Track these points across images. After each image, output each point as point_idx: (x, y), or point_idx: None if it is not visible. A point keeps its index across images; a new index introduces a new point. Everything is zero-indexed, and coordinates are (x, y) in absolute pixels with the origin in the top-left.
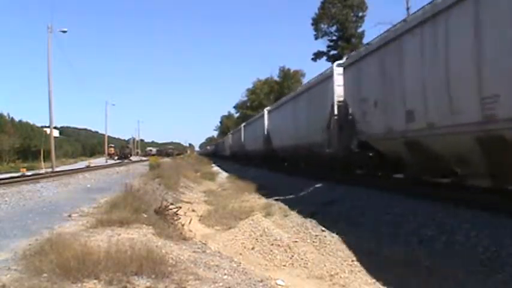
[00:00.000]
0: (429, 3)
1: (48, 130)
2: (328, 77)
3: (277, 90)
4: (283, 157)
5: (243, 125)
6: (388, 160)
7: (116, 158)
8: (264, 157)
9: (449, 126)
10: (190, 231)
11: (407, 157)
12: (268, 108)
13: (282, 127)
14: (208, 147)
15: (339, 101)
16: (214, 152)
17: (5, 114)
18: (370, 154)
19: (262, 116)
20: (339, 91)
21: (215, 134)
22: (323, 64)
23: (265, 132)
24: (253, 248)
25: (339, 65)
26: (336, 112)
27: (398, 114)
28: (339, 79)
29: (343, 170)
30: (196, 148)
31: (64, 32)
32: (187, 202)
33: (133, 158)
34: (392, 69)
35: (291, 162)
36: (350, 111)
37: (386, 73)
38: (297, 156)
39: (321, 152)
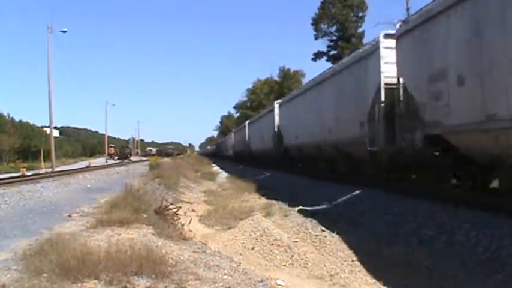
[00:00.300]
0: None
1: (48, 130)
2: (370, 53)
3: (277, 90)
4: (298, 157)
5: (247, 122)
6: (476, 163)
7: (116, 158)
8: (273, 157)
9: None
10: (190, 231)
11: None
12: (279, 101)
13: (297, 122)
14: (208, 147)
15: (388, 84)
16: (215, 152)
17: (5, 114)
18: (437, 153)
19: (272, 110)
20: (387, 71)
21: (215, 134)
22: (323, 64)
23: (276, 129)
24: (253, 248)
25: (387, 36)
26: (382, 99)
27: (506, 93)
28: (388, 55)
29: (391, 173)
30: (196, 148)
31: (64, 32)
32: (187, 202)
33: (133, 158)
34: (496, 24)
35: (307, 164)
36: (408, 95)
37: (483, 33)
38: (317, 156)
39: (355, 151)
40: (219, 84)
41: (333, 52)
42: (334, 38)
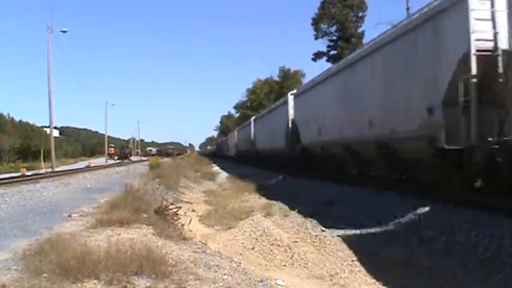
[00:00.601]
0: None
1: (48, 130)
2: (447, 8)
3: (277, 90)
4: (321, 158)
5: (253, 118)
6: None
7: (116, 158)
8: (286, 158)
9: None
10: (190, 231)
11: None
12: (293, 91)
13: (320, 115)
14: (208, 147)
15: (482, 50)
16: (216, 152)
17: (5, 114)
18: None
19: (285, 102)
20: (480, 29)
21: (215, 134)
22: (323, 64)
23: (290, 125)
24: (253, 248)
25: None
26: (473, 71)
27: None
28: (480, 7)
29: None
30: (196, 148)
31: (64, 32)
32: (187, 202)
33: (133, 158)
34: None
35: (332, 166)
36: None
37: None
38: (348, 156)
39: (411, 150)
40: (219, 84)
41: (333, 52)
42: (334, 38)
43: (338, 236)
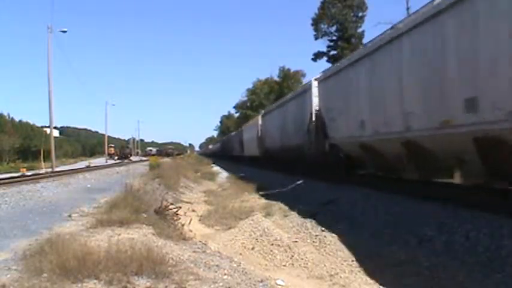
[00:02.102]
0: None
1: (48, 130)
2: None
3: (277, 90)
4: (359, 158)
5: (261, 113)
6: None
7: (116, 158)
8: (309, 157)
9: None
10: (190, 231)
11: None
12: (317, 76)
13: (365, 102)
14: (210, 146)
15: None
16: (220, 152)
17: (5, 114)
18: None
19: (306, 90)
20: None
21: (215, 134)
22: (323, 64)
23: (313, 117)
24: (253, 248)
25: None
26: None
27: None
28: None
29: None
30: (196, 148)
31: (64, 32)
32: (187, 202)
33: (133, 158)
34: None
35: (378, 169)
36: None
37: None
38: (411, 156)
39: None
40: (219, 84)
41: (333, 52)
42: (334, 38)
43: (338, 236)
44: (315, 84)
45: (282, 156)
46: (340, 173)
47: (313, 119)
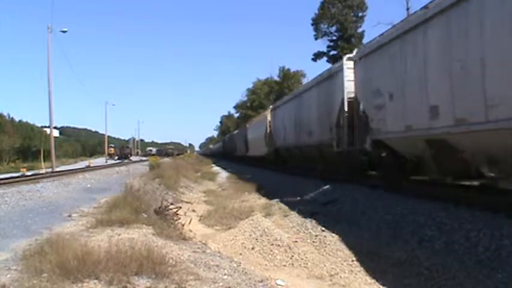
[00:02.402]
0: None
1: (48, 130)
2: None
3: (277, 90)
4: (436, 159)
5: (271, 106)
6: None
7: (116, 158)
8: (343, 159)
9: None
10: (190, 231)
11: None
12: (351, 54)
13: (444, 81)
14: (211, 146)
15: None
16: (221, 152)
17: (5, 114)
18: None
19: (336, 74)
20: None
21: (215, 134)
22: (323, 64)
23: (345, 107)
24: (253, 248)
25: None
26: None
27: None
28: None
29: None
30: (196, 148)
31: (64, 32)
32: (187, 202)
33: (133, 158)
34: None
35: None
36: None
37: None
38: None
39: None
40: (219, 84)
41: (333, 52)
42: (334, 38)
43: (338, 236)
44: (348, 64)
45: (296, 156)
46: (391, 178)
47: (346, 109)
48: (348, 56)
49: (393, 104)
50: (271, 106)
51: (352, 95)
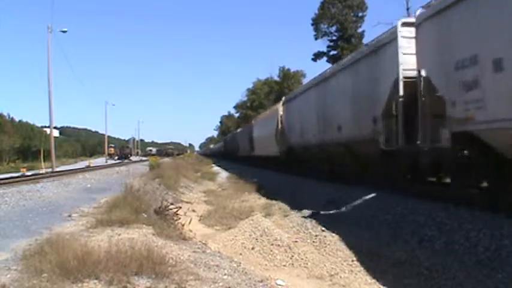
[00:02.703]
0: None
1: (48, 130)
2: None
3: (277, 90)
4: None
5: (283, 98)
6: None
7: (116, 158)
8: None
9: None
10: (190, 231)
11: None
12: (407, 19)
13: None
14: (211, 146)
15: None
16: (222, 152)
17: (5, 114)
18: None
19: (385, 45)
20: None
21: (215, 134)
22: (323, 64)
23: (400, 91)
24: (253, 248)
25: None
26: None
27: None
28: None
29: None
30: (196, 148)
31: (64, 32)
32: (187, 202)
33: (133, 158)
34: None
35: None
36: None
37: None
38: None
39: None
40: (219, 84)
41: (333, 52)
42: (334, 38)
43: (338, 236)
44: (404, 32)
45: (318, 156)
46: (494, 189)
47: (401, 92)
48: (404, 20)
49: (502, 77)
50: (283, 98)
51: (411, 73)
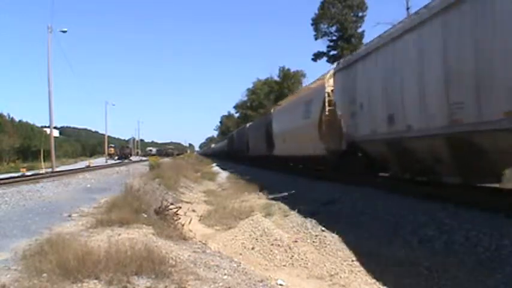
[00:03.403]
0: None
1: (48, 130)
2: None
3: (277, 90)
4: None
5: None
6: None
7: (116, 158)
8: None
9: None
10: (190, 231)
11: None
12: None
13: None
14: (213, 145)
15: None
16: (226, 152)
17: (5, 114)
18: None
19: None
20: None
21: (215, 134)
22: (323, 64)
23: None
24: (253, 248)
25: None
26: None
27: None
28: None
29: None
30: (196, 148)
31: (64, 32)
32: (187, 202)
33: (133, 158)
34: None
35: None
36: None
37: None
38: None
39: None
40: (219, 84)
41: (333, 52)
42: (334, 38)
43: (338, 236)
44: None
45: (416, 157)
46: None
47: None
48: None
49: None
50: (334, 66)
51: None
